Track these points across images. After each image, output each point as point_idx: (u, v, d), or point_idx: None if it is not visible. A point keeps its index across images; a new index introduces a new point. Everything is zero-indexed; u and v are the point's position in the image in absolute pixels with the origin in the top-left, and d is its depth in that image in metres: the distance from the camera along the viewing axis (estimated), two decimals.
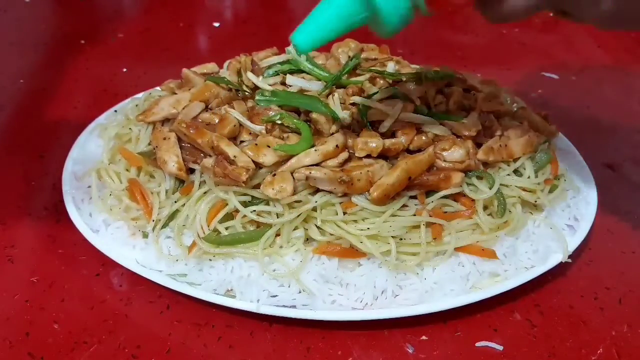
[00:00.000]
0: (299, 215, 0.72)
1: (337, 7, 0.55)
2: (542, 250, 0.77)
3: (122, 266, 0.75)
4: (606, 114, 1.17)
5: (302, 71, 0.86)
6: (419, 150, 0.77)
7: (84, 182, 0.86)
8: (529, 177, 0.80)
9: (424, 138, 0.78)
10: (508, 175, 0.80)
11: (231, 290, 0.72)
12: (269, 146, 0.75)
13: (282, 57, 0.89)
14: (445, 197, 0.75)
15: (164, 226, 0.76)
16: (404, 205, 0.74)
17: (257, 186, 0.74)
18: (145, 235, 0.78)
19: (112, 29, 1.44)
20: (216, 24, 1.49)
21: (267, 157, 0.74)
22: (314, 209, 0.73)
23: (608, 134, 1.11)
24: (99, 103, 1.07)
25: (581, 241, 0.80)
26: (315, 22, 0.56)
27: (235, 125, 0.77)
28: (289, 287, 0.72)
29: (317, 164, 0.74)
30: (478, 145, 0.80)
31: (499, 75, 0.96)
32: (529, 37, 1.48)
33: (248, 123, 0.78)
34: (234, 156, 0.73)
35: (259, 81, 0.84)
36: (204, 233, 0.73)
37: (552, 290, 0.78)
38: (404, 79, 0.85)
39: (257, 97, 0.81)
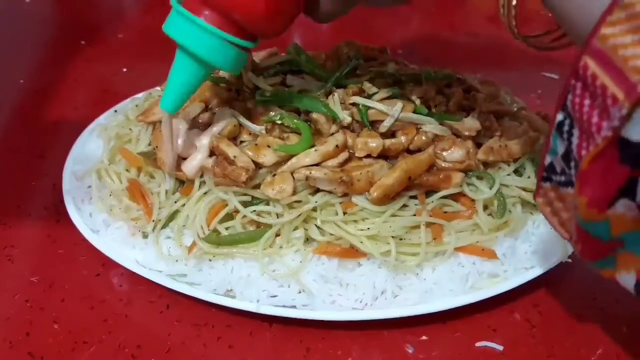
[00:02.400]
0: (299, 216, 0.72)
1: (183, 74, 0.68)
2: (541, 251, 0.77)
3: (122, 266, 0.75)
4: None
5: (302, 71, 0.86)
6: (419, 150, 0.77)
7: (84, 182, 0.86)
8: (529, 177, 0.81)
9: (424, 138, 0.78)
10: (508, 175, 0.80)
11: (231, 290, 0.72)
12: (269, 146, 0.75)
13: (282, 57, 0.89)
14: (445, 197, 0.75)
15: (164, 226, 0.76)
16: (404, 206, 0.74)
17: (257, 186, 0.74)
18: (145, 236, 0.78)
19: (112, 29, 1.44)
20: None
21: (267, 158, 0.74)
22: (314, 209, 0.73)
23: None
24: (99, 103, 1.07)
25: None
26: (172, 89, 0.69)
27: (235, 125, 0.77)
28: (289, 287, 0.72)
29: (317, 164, 0.74)
30: (478, 145, 0.80)
31: (499, 75, 0.96)
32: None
33: (248, 123, 0.78)
34: (234, 156, 0.73)
35: (259, 81, 0.84)
36: (204, 233, 0.73)
37: (552, 290, 0.79)
38: (404, 78, 0.85)
39: (257, 97, 0.81)
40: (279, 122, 0.76)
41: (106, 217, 0.80)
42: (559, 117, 0.50)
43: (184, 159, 0.77)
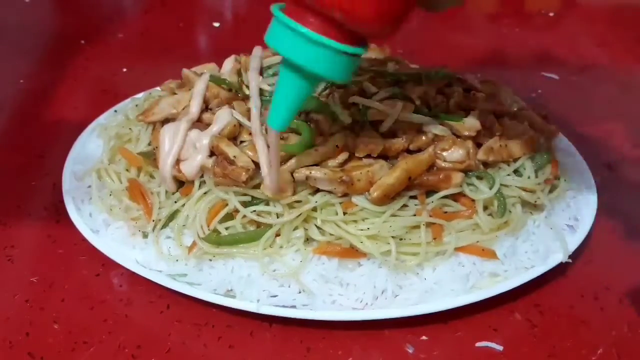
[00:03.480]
0: (299, 216, 0.72)
1: (291, 88, 0.59)
2: (542, 250, 0.77)
3: (122, 266, 0.75)
4: (606, 114, 1.17)
5: None
6: (419, 150, 0.77)
7: (84, 182, 0.86)
8: (529, 177, 0.80)
9: (423, 138, 0.78)
10: (508, 175, 0.80)
11: (231, 290, 0.72)
12: (269, 146, 0.75)
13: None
14: (445, 197, 0.75)
15: (164, 226, 0.76)
16: (404, 205, 0.74)
17: (257, 186, 0.74)
18: (145, 236, 0.78)
19: (112, 29, 1.44)
20: (216, 24, 1.49)
21: None
22: (314, 209, 0.73)
23: (608, 134, 1.11)
24: (99, 103, 1.07)
25: (581, 241, 0.80)
26: (280, 105, 0.61)
27: (235, 125, 0.77)
28: (289, 287, 0.72)
29: (317, 164, 0.74)
30: (478, 145, 0.80)
31: (499, 75, 0.96)
32: (529, 37, 1.48)
33: (248, 123, 0.78)
34: (234, 156, 0.73)
35: (259, 80, 0.84)
36: (204, 233, 0.73)
37: (552, 290, 0.79)
38: (404, 78, 0.85)
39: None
40: None
41: (106, 217, 0.80)
42: None
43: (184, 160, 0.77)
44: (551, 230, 0.79)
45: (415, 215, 0.73)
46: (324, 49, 0.55)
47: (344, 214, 0.73)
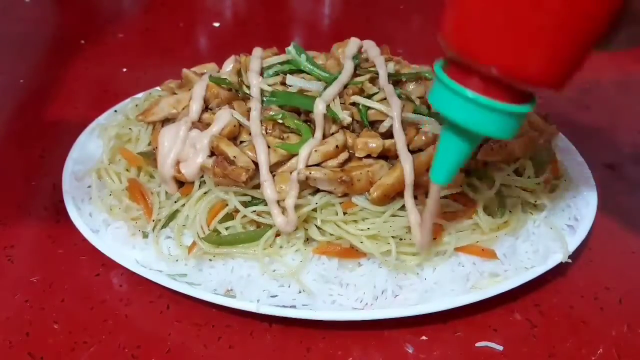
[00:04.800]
0: (299, 216, 0.72)
1: (455, 147, 0.56)
2: (542, 250, 0.77)
3: (122, 266, 0.75)
4: (606, 114, 1.17)
5: (302, 71, 0.86)
6: (419, 150, 0.77)
7: (84, 182, 0.86)
8: (529, 177, 0.81)
9: (423, 138, 0.78)
10: (508, 175, 0.80)
11: (231, 290, 0.72)
12: (269, 146, 0.75)
13: (282, 57, 0.89)
14: (445, 197, 0.75)
15: (164, 226, 0.76)
16: (404, 206, 0.74)
17: (257, 186, 0.74)
18: (145, 235, 0.78)
19: (112, 29, 1.44)
20: (216, 24, 1.49)
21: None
22: (314, 209, 0.73)
23: (608, 134, 1.11)
24: (99, 103, 1.07)
25: (581, 241, 0.80)
26: (444, 161, 0.58)
27: (235, 126, 0.77)
28: (289, 287, 0.72)
29: (317, 164, 0.74)
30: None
31: None
32: None
33: (248, 123, 0.78)
34: (234, 156, 0.73)
35: (259, 81, 0.84)
36: (204, 233, 0.73)
37: (552, 290, 0.79)
38: (404, 79, 0.85)
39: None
40: (281, 121, 0.76)
41: (106, 217, 0.80)
42: None
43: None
44: (551, 230, 0.79)
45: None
46: (488, 110, 0.51)
47: (344, 214, 0.73)
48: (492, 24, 0.47)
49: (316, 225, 0.73)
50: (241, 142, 0.78)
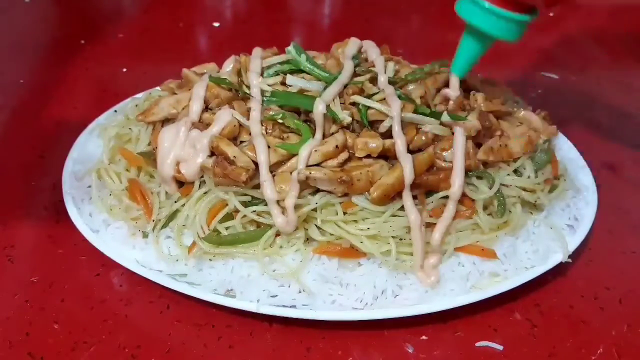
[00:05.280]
0: (299, 216, 0.72)
1: (473, 46, 0.80)
2: (542, 250, 0.77)
3: (122, 266, 0.75)
4: (606, 114, 1.17)
5: (302, 71, 0.86)
6: (419, 150, 0.77)
7: (84, 182, 0.86)
8: (529, 177, 0.81)
9: (423, 138, 0.78)
10: (508, 175, 0.80)
11: (231, 290, 0.72)
12: (269, 146, 0.75)
13: (282, 57, 0.89)
14: (445, 197, 0.75)
15: (164, 226, 0.76)
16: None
17: (257, 186, 0.74)
18: (145, 235, 0.78)
19: (112, 29, 1.44)
20: (216, 24, 1.49)
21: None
22: (314, 209, 0.73)
23: (608, 134, 1.11)
24: (99, 103, 1.07)
25: (581, 241, 0.80)
26: (462, 58, 0.81)
27: (235, 126, 0.77)
28: (289, 287, 0.72)
29: (317, 164, 0.74)
30: (478, 145, 0.80)
31: (498, 75, 0.97)
32: (529, 37, 1.47)
33: (248, 123, 0.78)
34: (234, 156, 0.73)
35: (259, 81, 0.84)
36: (204, 233, 0.73)
37: (552, 290, 0.79)
38: (404, 78, 0.85)
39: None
40: (281, 120, 0.76)
41: (106, 217, 0.80)
42: None
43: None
44: (551, 230, 0.79)
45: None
46: (501, 18, 0.73)
47: (344, 214, 0.73)
48: None
49: (316, 225, 0.73)
50: (241, 142, 0.78)
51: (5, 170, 0.96)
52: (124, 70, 1.26)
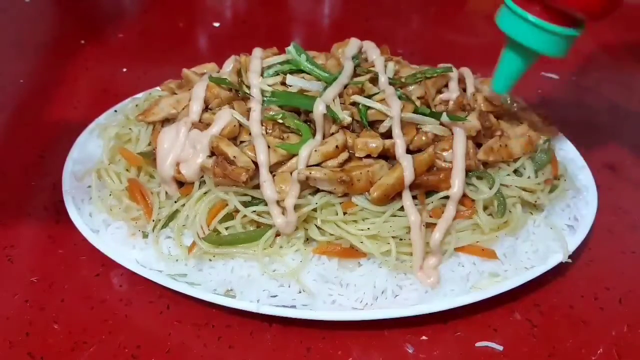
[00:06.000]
0: (299, 216, 0.72)
1: (515, 62, 0.74)
2: (542, 250, 0.77)
3: (122, 266, 0.75)
4: (606, 114, 1.17)
5: (302, 71, 0.86)
6: (419, 150, 0.77)
7: (84, 182, 0.86)
8: (529, 177, 0.81)
9: (423, 138, 0.78)
10: (508, 175, 0.80)
11: (231, 290, 0.72)
12: (269, 146, 0.75)
13: (282, 57, 0.89)
14: (445, 197, 0.75)
15: (164, 226, 0.76)
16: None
17: (257, 186, 0.74)
18: (145, 235, 0.78)
19: (112, 29, 1.44)
20: (216, 24, 1.49)
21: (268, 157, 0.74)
22: (314, 209, 0.73)
23: (608, 134, 1.11)
24: (99, 103, 1.07)
25: (581, 241, 0.80)
26: (504, 74, 0.76)
27: (235, 126, 0.77)
28: (289, 287, 0.72)
29: (317, 164, 0.74)
30: (478, 145, 0.80)
31: None
32: None
33: (248, 123, 0.78)
34: (234, 156, 0.73)
35: (259, 81, 0.84)
36: (204, 233, 0.73)
37: (552, 290, 0.79)
38: (404, 79, 0.85)
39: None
40: (281, 120, 0.76)
41: (106, 217, 0.80)
42: None
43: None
44: (551, 230, 0.79)
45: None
46: (547, 33, 0.67)
47: (344, 214, 0.73)
48: None
49: (316, 225, 0.73)
50: (241, 142, 0.78)
51: (5, 170, 0.96)
52: (124, 70, 1.26)
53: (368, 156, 0.75)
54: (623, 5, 0.65)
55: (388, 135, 0.77)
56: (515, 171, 0.81)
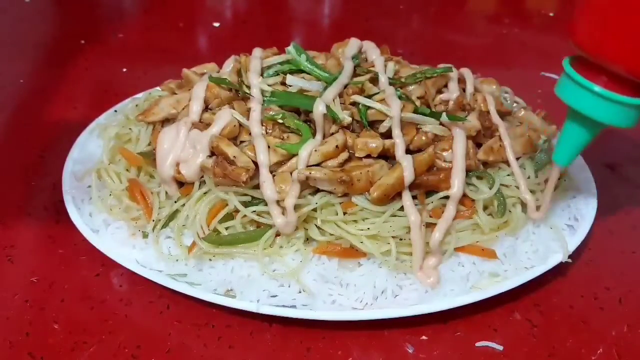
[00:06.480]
0: (299, 216, 0.72)
1: (579, 134, 0.68)
2: (542, 250, 0.77)
3: (122, 266, 0.75)
4: None
5: (302, 71, 0.86)
6: (419, 150, 0.77)
7: (84, 182, 0.86)
8: (529, 177, 0.81)
9: (423, 138, 0.78)
10: (508, 175, 0.80)
11: (231, 290, 0.72)
12: (269, 146, 0.75)
13: (282, 57, 0.89)
14: (445, 197, 0.75)
15: (164, 226, 0.76)
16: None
17: (257, 186, 0.73)
18: (145, 235, 0.78)
19: (112, 29, 1.44)
20: (216, 24, 1.49)
21: (268, 157, 0.74)
22: (314, 209, 0.73)
23: (608, 134, 1.10)
24: (99, 103, 1.07)
25: (581, 241, 0.80)
26: (568, 146, 0.70)
27: (235, 126, 0.77)
28: (289, 287, 0.72)
29: (317, 164, 0.74)
30: (478, 145, 0.80)
31: (499, 75, 0.96)
32: (529, 37, 1.48)
33: (248, 123, 0.78)
34: (234, 156, 0.73)
35: (259, 81, 0.84)
36: (204, 233, 0.73)
37: (552, 290, 0.79)
38: (404, 79, 0.85)
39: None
40: (281, 120, 0.76)
41: (106, 217, 0.80)
42: None
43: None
44: (551, 230, 0.79)
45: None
46: (612, 103, 0.61)
47: (344, 214, 0.73)
48: (623, 30, 0.57)
49: (316, 225, 0.73)
50: (241, 142, 0.78)
51: (5, 170, 0.96)
52: (124, 70, 1.26)
53: (368, 156, 0.75)
54: None
55: (388, 135, 0.77)
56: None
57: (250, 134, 0.77)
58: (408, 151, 0.77)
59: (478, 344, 0.71)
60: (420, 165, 0.74)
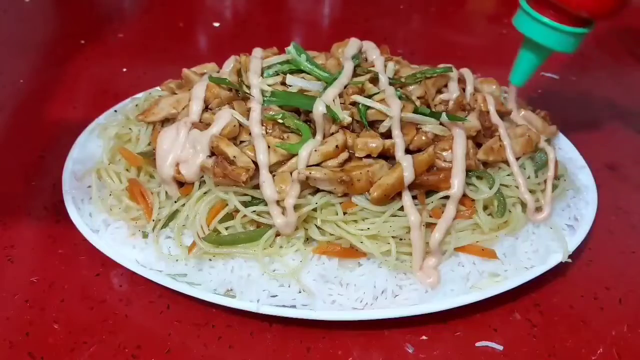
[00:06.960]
0: (299, 216, 0.72)
1: (531, 57, 0.84)
2: (542, 250, 0.77)
3: (122, 266, 0.75)
4: (606, 114, 1.17)
5: (302, 71, 0.86)
6: (419, 150, 0.77)
7: (84, 182, 0.86)
8: (529, 177, 0.81)
9: (423, 138, 0.78)
10: (508, 175, 0.80)
11: (231, 290, 0.72)
12: (269, 146, 0.75)
13: (282, 57, 0.89)
14: (445, 197, 0.75)
15: (164, 226, 0.76)
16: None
17: (257, 186, 0.74)
18: (145, 235, 0.78)
19: (112, 29, 1.44)
20: (216, 24, 1.49)
21: (268, 157, 0.74)
22: (314, 209, 0.73)
23: (608, 134, 1.11)
24: (99, 103, 1.07)
25: (581, 241, 0.80)
26: (522, 69, 0.86)
27: (235, 126, 0.77)
28: (289, 287, 0.72)
29: (317, 164, 0.74)
30: (478, 145, 0.80)
31: (499, 75, 0.96)
32: None
33: (248, 123, 0.78)
34: (234, 156, 0.73)
35: (259, 82, 0.84)
36: (204, 233, 0.73)
37: (552, 290, 0.79)
38: (404, 79, 0.85)
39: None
40: (281, 121, 0.76)
41: (106, 217, 0.80)
42: None
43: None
44: (551, 230, 0.79)
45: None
46: (559, 32, 0.77)
47: (344, 214, 0.73)
48: None
49: (316, 225, 0.73)
50: (241, 142, 0.78)
51: (5, 170, 0.96)
52: (124, 70, 1.26)
53: (368, 156, 0.75)
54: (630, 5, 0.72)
55: (388, 135, 0.77)
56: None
57: (250, 134, 0.77)
58: (408, 151, 0.77)
59: (478, 343, 0.71)
60: (420, 165, 0.74)
